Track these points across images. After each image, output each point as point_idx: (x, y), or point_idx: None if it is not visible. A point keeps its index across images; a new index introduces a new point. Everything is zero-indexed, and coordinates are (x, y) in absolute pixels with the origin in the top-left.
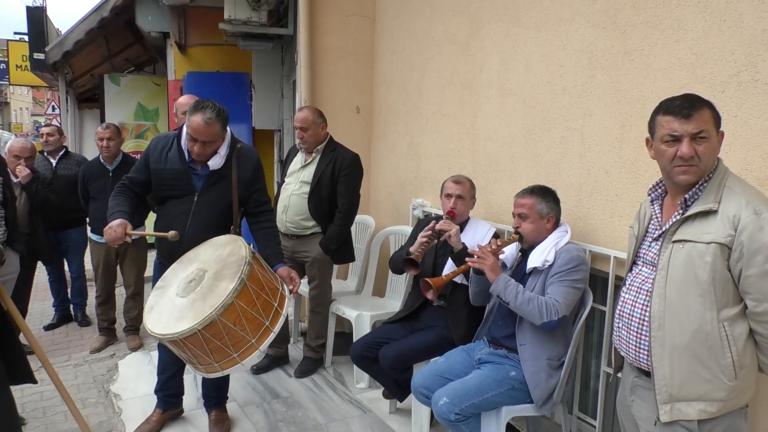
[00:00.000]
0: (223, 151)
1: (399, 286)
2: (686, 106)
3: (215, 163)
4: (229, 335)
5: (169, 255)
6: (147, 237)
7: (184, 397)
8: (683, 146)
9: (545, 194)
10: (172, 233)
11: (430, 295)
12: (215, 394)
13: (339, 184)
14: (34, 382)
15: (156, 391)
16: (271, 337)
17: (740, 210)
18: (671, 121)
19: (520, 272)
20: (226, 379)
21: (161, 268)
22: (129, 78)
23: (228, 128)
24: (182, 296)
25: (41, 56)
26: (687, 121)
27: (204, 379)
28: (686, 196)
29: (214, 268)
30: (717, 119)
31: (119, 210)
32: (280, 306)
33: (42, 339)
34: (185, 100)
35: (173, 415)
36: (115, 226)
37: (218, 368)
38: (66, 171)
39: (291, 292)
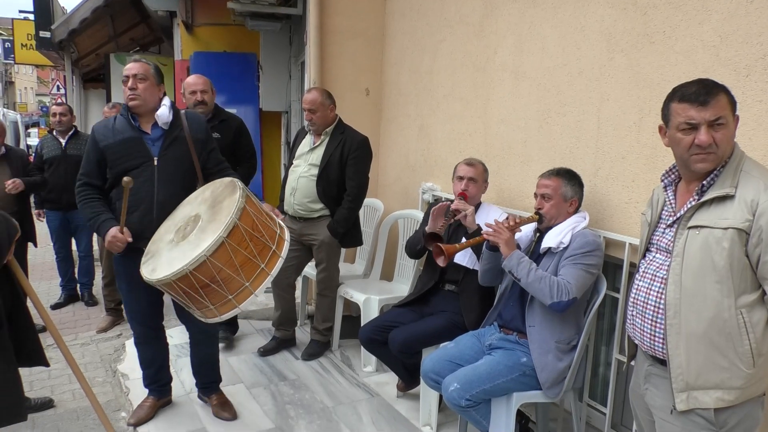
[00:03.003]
0: (166, 101)
1: (407, 270)
2: (703, 92)
3: (163, 113)
4: (252, 242)
5: (141, 229)
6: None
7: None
8: (701, 134)
9: (572, 178)
10: (125, 179)
11: (440, 261)
12: (210, 378)
13: (348, 167)
14: (46, 365)
15: (147, 386)
16: (286, 246)
17: (759, 194)
18: (687, 109)
19: (534, 254)
20: (217, 360)
21: (128, 258)
22: (135, 57)
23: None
24: (182, 240)
25: (47, 34)
26: (704, 108)
27: (198, 366)
28: (704, 182)
29: (207, 206)
30: (733, 104)
31: (105, 219)
32: (281, 231)
33: None
34: (193, 80)
35: (164, 403)
36: (115, 236)
37: (250, 289)
38: (75, 151)
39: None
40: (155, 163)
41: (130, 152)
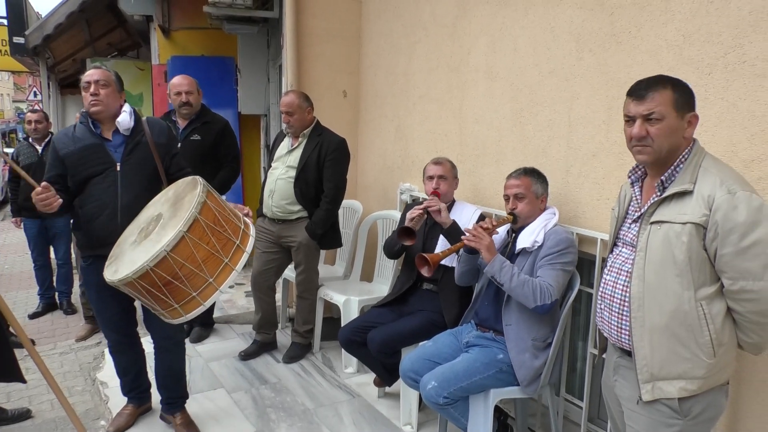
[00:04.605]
0: (127, 108)
1: (387, 270)
2: (643, 87)
3: (124, 120)
4: (214, 237)
5: (106, 234)
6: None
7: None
8: (634, 127)
9: (538, 175)
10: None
11: (425, 271)
12: (176, 393)
13: (325, 169)
14: (23, 381)
15: (126, 394)
16: (251, 242)
17: (714, 189)
18: (629, 103)
19: (509, 254)
20: (183, 373)
21: (94, 265)
22: (112, 62)
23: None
24: (144, 239)
25: (21, 40)
26: (640, 102)
27: (163, 378)
28: (662, 177)
29: (169, 204)
30: (679, 101)
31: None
32: (246, 227)
33: (27, 328)
34: (178, 80)
35: (145, 410)
36: (35, 193)
37: (214, 285)
38: None
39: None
40: (118, 168)
41: (92, 159)
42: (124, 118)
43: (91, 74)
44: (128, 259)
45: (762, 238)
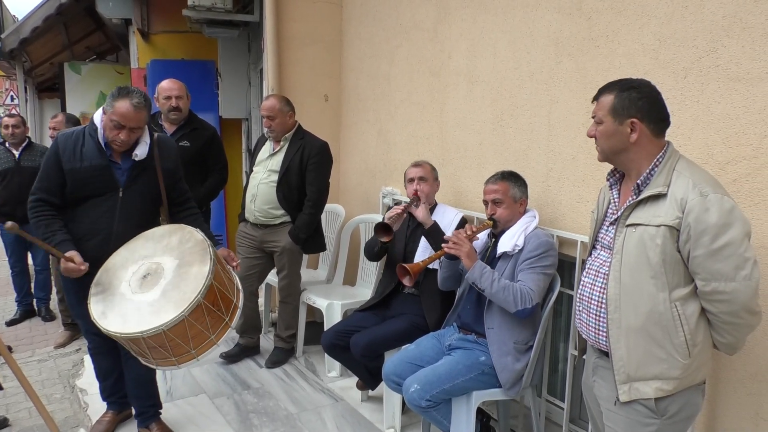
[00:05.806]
0: (146, 138)
1: (370, 274)
2: (599, 91)
3: (142, 152)
4: (209, 316)
5: (94, 258)
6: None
7: None
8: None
9: (516, 178)
10: (8, 224)
11: (406, 281)
12: (148, 402)
13: (308, 173)
14: (0, 389)
15: (105, 398)
16: (239, 313)
17: (687, 192)
18: None
19: (490, 258)
20: (154, 380)
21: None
22: (90, 66)
23: None
24: (143, 292)
25: None
26: (594, 104)
27: (133, 388)
28: (638, 181)
29: (173, 258)
30: (616, 107)
31: (61, 241)
32: (237, 298)
33: (4, 335)
34: (168, 84)
35: (125, 416)
36: (66, 267)
37: (194, 355)
38: (30, 162)
39: (234, 268)
40: (120, 194)
41: (96, 180)
42: (143, 151)
43: (127, 117)
44: (118, 311)
45: (733, 239)
